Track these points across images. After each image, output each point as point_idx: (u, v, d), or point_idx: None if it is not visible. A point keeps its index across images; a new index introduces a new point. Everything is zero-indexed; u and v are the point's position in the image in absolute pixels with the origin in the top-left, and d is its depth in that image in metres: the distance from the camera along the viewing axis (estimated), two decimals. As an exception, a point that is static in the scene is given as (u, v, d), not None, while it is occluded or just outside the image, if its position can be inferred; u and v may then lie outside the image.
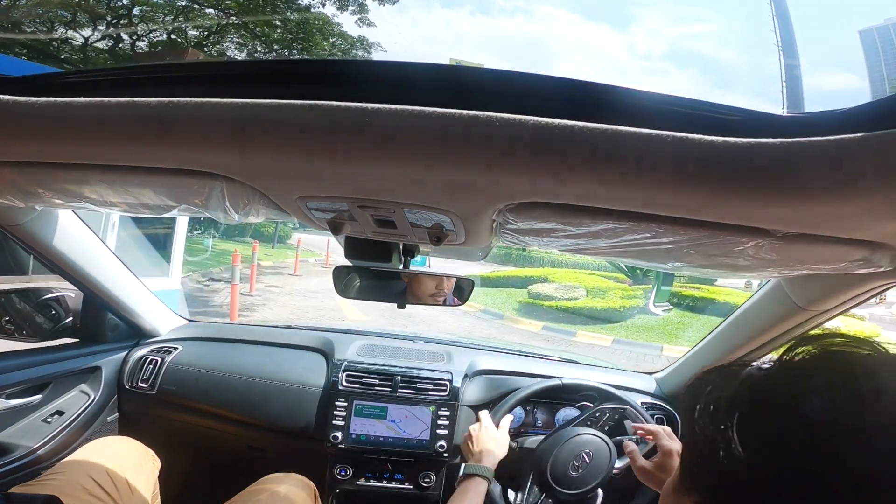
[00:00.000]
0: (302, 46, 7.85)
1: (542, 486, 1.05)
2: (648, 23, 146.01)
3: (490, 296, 9.75)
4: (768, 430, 0.34)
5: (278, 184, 0.54)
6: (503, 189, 0.47)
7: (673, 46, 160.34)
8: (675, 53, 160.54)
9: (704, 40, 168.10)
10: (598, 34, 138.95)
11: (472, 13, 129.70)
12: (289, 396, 1.26)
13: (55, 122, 0.45)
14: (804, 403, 0.33)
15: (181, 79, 0.46)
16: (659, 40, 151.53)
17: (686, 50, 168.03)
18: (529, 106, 0.39)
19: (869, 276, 0.66)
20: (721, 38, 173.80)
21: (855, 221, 0.44)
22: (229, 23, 7.67)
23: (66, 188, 0.62)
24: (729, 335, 1.09)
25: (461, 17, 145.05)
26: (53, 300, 1.19)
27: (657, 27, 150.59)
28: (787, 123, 0.37)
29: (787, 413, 0.34)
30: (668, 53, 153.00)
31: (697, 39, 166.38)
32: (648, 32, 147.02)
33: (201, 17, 7.73)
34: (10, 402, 1.04)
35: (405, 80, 0.43)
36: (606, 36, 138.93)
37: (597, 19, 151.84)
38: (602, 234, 0.54)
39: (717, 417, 0.37)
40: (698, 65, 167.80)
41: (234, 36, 7.80)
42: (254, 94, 0.41)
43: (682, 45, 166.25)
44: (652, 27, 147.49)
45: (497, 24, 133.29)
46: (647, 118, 0.38)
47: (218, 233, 13.91)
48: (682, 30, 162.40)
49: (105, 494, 0.89)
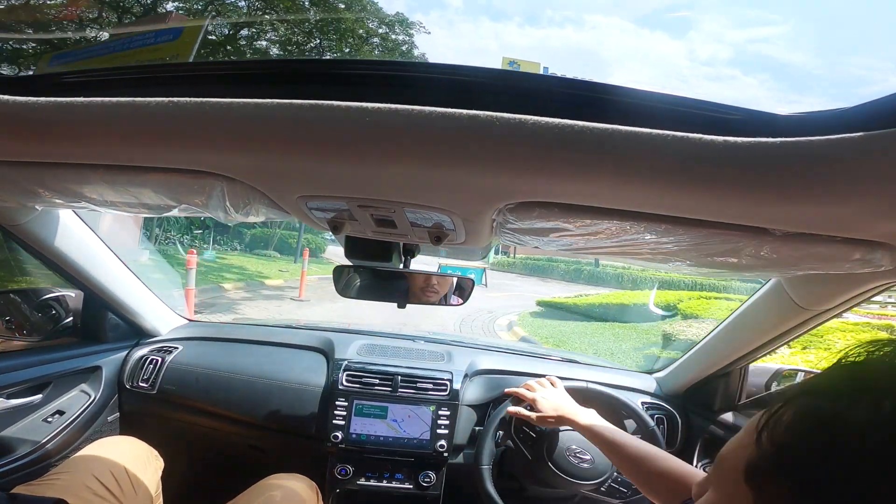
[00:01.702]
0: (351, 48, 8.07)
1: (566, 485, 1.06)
2: (708, 28, 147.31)
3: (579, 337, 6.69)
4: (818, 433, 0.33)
5: (279, 183, 0.54)
6: (503, 189, 0.47)
7: (738, 51, 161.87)
8: (742, 58, 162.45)
9: (774, 43, 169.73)
10: (653, 41, 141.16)
11: (521, 25, 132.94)
12: (289, 396, 1.26)
13: (55, 121, 0.45)
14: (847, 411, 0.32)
15: (181, 78, 0.46)
16: (722, 45, 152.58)
17: (754, 54, 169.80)
18: (529, 106, 0.39)
19: (869, 276, 0.66)
20: (792, 41, 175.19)
21: (855, 221, 0.44)
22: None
23: (66, 188, 0.62)
24: (729, 335, 1.09)
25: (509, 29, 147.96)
26: (54, 300, 1.19)
27: (719, 32, 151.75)
28: (788, 123, 0.37)
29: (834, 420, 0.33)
30: (734, 59, 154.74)
31: (766, 43, 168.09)
32: (709, 38, 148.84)
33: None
34: (11, 401, 1.04)
35: (405, 79, 0.43)
36: (663, 43, 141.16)
37: (651, 27, 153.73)
38: (602, 233, 0.54)
39: (778, 409, 0.36)
40: (769, 69, 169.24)
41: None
42: (254, 93, 0.41)
43: (749, 50, 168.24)
44: (713, 32, 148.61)
45: (546, 35, 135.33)
46: (647, 118, 0.38)
47: (242, 245, 13.44)
48: (747, 34, 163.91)
49: (109, 494, 0.89)
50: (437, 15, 39.20)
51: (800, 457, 0.34)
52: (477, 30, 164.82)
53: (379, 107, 0.39)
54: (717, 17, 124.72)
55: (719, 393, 1.20)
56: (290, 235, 14.04)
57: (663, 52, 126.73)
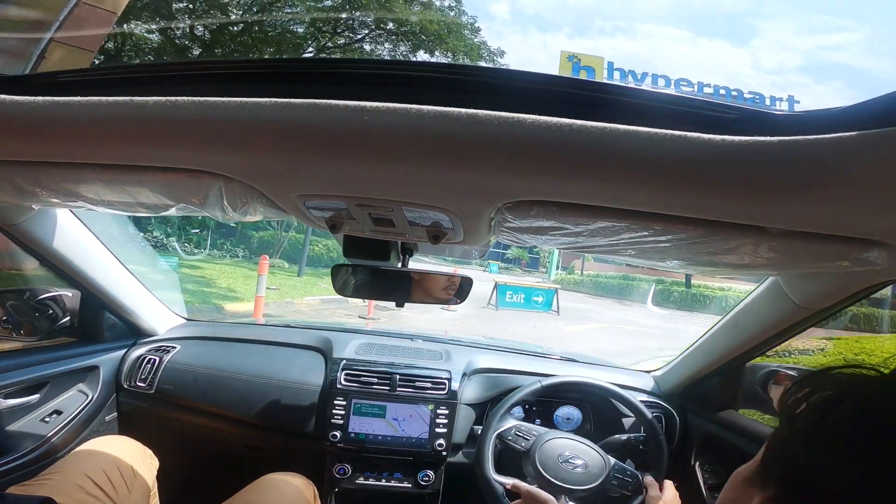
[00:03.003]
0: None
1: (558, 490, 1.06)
2: (774, 35, 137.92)
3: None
4: (865, 442, 0.33)
5: (277, 183, 0.54)
6: (501, 187, 0.47)
7: (809, 59, 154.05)
8: (813, 66, 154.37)
9: (847, 50, 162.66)
10: (712, 50, 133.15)
11: (570, 36, 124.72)
12: (287, 395, 1.26)
13: (53, 121, 0.45)
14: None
15: (179, 78, 0.46)
16: (791, 53, 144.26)
17: (826, 62, 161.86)
18: (528, 105, 0.39)
19: (866, 274, 0.66)
20: (868, 47, 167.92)
21: (852, 219, 0.45)
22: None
23: (63, 187, 0.62)
24: (726, 334, 1.09)
25: (558, 39, 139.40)
26: (51, 299, 1.18)
27: (786, 39, 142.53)
28: (785, 122, 0.37)
29: (885, 428, 0.33)
30: (805, 67, 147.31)
31: (839, 50, 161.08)
32: (776, 45, 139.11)
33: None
34: (8, 401, 1.03)
35: (404, 78, 0.43)
36: (724, 51, 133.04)
37: (710, 35, 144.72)
38: (600, 232, 0.54)
39: (816, 421, 0.36)
40: (844, 76, 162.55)
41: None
42: (252, 93, 0.41)
43: (821, 57, 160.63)
44: (780, 39, 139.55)
45: (596, 46, 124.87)
46: (645, 117, 0.38)
47: (247, 250, 11.76)
48: (817, 41, 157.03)
49: (102, 494, 0.89)
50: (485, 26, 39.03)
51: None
52: (526, 40, 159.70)
53: (377, 106, 0.39)
54: (783, 25, 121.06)
55: (717, 391, 1.21)
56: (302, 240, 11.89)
57: (724, 60, 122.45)
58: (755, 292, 0.95)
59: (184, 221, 10.34)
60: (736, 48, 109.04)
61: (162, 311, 1.41)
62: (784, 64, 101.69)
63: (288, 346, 1.39)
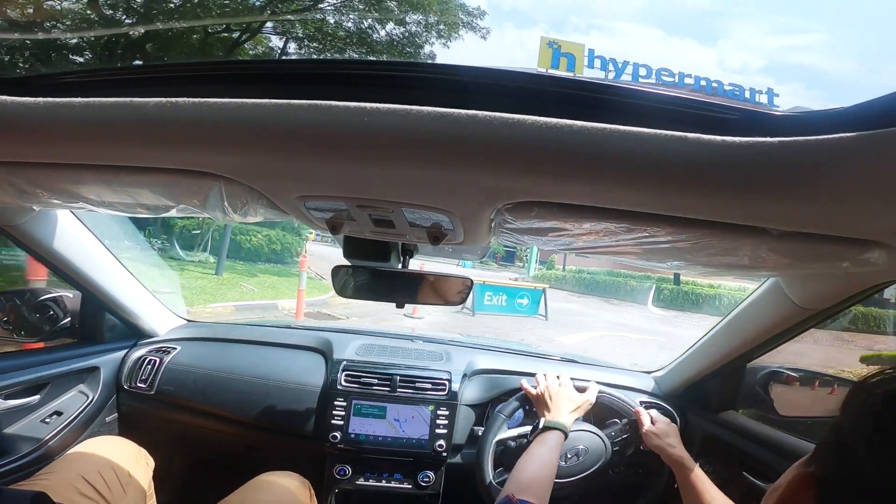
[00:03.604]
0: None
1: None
2: (740, 36, 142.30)
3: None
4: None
5: (277, 184, 0.54)
6: (501, 189, 0.47)
7: (772, 60, 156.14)
8: (776, 67, 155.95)
9: (809, 52, 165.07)
10: (682, 49, 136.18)
11: (546, 32, 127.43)
12: (287, 396, 1.25)
13: (53, 122, 0.45)
14: None
15: (179, 79, 0.46)
16: (755, 54, 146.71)
17: (788, 63, 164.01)
18: (528, 106, 0.39)
19: (866, 275, 0.66)
20: (829, 49, 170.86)
21: (852, 220, 0.45)
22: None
23: (63, 188, 0.62)
24: (727, 335, 1.09)
25: (534, 36, 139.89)
26: (52, 300, 1.19)
27: (751, 40, 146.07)
28: (785, 123, 0.37)
29: None
30: (767, 67, 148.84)
31: (801, 51, 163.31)
32: (741, 46, 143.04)
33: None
34: (9, 402, 1.03)
35: (404, 79, 0.43)
36: (693, 51, 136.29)
37: (680, 34, 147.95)
38: (600, 233, 0.54)
39: (866, 407, 0.37)
40: (803, 78, 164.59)
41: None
42: (252, 94, 0.41)
43: (783, 58, 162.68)
44: (745, 40, 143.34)
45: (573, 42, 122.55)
46: (645, 117, 0.38)
47: (167, 243, 9.06)
48: (781, 41, 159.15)
49: (97, 494, 0.89)
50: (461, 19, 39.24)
51: None
52: (502, 36, 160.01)
53: (377, 107, 0.39)
54: (749, 26, 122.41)
55: (717, 392, 1.21)
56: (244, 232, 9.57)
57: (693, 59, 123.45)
58: (755, 293, 0.95)
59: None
60: (704, 47, 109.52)
61: (162, 311, 1.41)
62: (748, 65, 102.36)
63: (288, 347, 1.39)
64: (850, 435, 0.37)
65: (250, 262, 9.95)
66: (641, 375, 1.42)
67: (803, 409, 1.08)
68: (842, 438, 0.38)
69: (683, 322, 9.98)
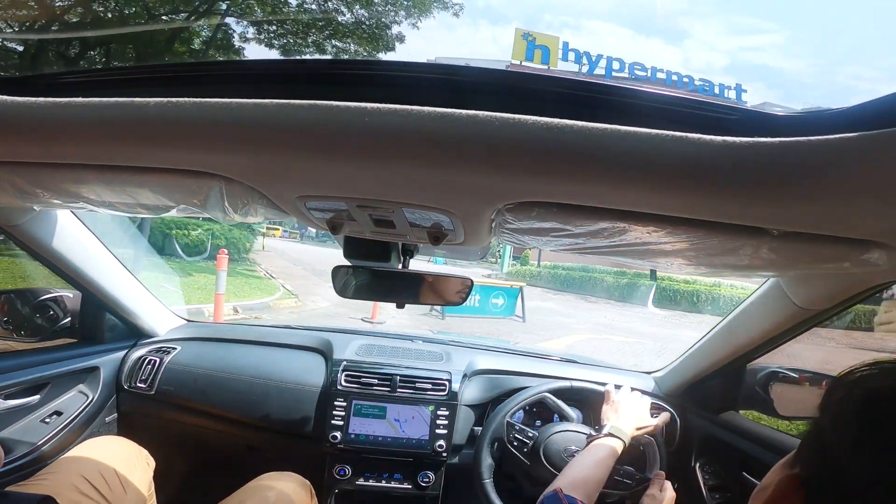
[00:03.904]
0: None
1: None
2: (704, 35, 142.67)
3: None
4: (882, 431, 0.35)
5: (277, 184, 0.54)
6: (502, 189, 0.47)
7: (733, 59, 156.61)
8: (736, 66, 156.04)
9: (768, 52, 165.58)
10: (650, 48, 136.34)
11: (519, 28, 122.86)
12: (287, 396, 1.25)
13: (53, 122, 0.45)
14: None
15: (180, 79, 0.46)
16: (717, 53, 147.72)
17: (748, 63, 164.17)
18: (528, 106, 0.39)
19: (867, 275, 0.66)
20: (787, 49, 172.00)
21: (853, 220, 0.45)
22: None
23: (64, 188, 0.62)
24: (727, 335, 1.09)
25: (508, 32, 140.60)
26: (52, 300, 1.19)
27: (714, 40, 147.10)
28: (786, 123, 0.37)
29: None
30: (729, 67, 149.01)
31: (761, 51, 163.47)
32: (705, 45, 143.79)
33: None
34: (9, 402, 1.03)
35: (404, 79, 0.43)
36: (660, 50, 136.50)
37: (648, 33, 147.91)
38: (601, 233, 0.54)
39: (847, 408, 0.38)
40: (763, 78, 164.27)
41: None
42: (253, 94, 0.41)
43: (744, 58, 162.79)
44: (708, 40, 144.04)
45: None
46: (646, 118, 0.38)
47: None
48: (742, 42, 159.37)
49: (97, 494, 0.89)
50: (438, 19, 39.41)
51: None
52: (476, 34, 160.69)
53: (378, 107, 0.39)
54: (713, 25, 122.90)
55: (717, 393, 1.21)
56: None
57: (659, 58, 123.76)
58: (756, 293, 0.95)
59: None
60: (670, 46, 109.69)
61: (162, 311, 1.41)
62: (711, 64, 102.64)
63: (288, 348, 1.39)
64: (832, 435, 0.37)
65: (188, 258, 9.03)
66: (641, 376, 1.42)
67: (804, 410, 1.08)
68: (824, 439, 0.38)
69: (677, 323, 9.51)
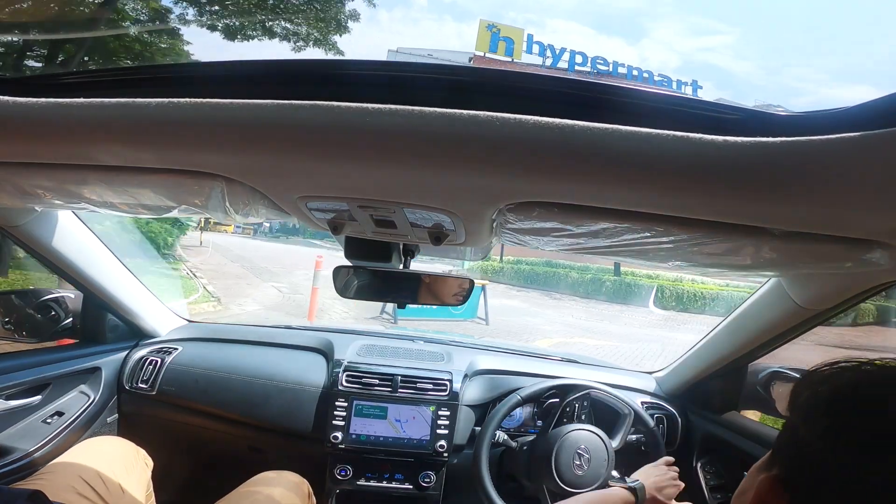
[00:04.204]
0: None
1: (560, 495, 1.05)
2: (661, 35, 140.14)
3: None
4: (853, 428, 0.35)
5: (279, 184, 0.54)
6: (503, 189, 0.47)
7: (687, 59, 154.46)
8: (690, 66, 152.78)
9: (720, 52, 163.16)
10: (610, 47, 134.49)
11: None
12: (288, 397, 1.26)
13: (54, 122, 0.45)
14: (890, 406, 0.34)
15: (180, 79, 0.46)
16: (672, 53, 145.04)
17: (701, 63, 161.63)
18: (530, 106, 0.39)
19: (869, 275, 0.66)
20: (737, 50, 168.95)
21: (854, 220, 0.45)
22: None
23: (65, 189, 0.62)
24: (729, 335, 1.09)
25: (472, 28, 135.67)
26: (53, 301, 1.19)
27: (670, 40, 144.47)
28: (788, 123, 0.37)
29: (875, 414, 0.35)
30: (682, 67, 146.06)
31: (712, 52, 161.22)
32: (662, 45, 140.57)
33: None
34: (10, 402, 1.04)
35: (406, 80, 0.43)
36: (620, 49, 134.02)
37: (609, 32, 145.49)
38: (602, 233, 0.54)
39: (816, 406, 0.38)
40: (713, 78, 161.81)
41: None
42: (254, 94, 0.41)
43: (697, 58, 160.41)
44: (665, 40, 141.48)
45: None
46: (647, 118, 0.38)
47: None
48: (696, 42, 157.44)
49: (95, 494, 0.89)
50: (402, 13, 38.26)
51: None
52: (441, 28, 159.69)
53: (379, 107, 0.39)
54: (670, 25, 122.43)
55: (719, 392, 1.21)
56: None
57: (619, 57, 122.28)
58: (757, 293, 0.95)
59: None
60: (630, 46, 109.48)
61: (164, 312, 1.42)
62: (666, 63, 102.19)
63: (289, 348, 1.39)
64: (805, 434, 0.38)
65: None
66: (643, 376, 1.42)
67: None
68: (798, 438, 0.39)
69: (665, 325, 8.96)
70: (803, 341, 0.94)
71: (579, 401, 1.19)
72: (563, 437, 1.09)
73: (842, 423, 0.36)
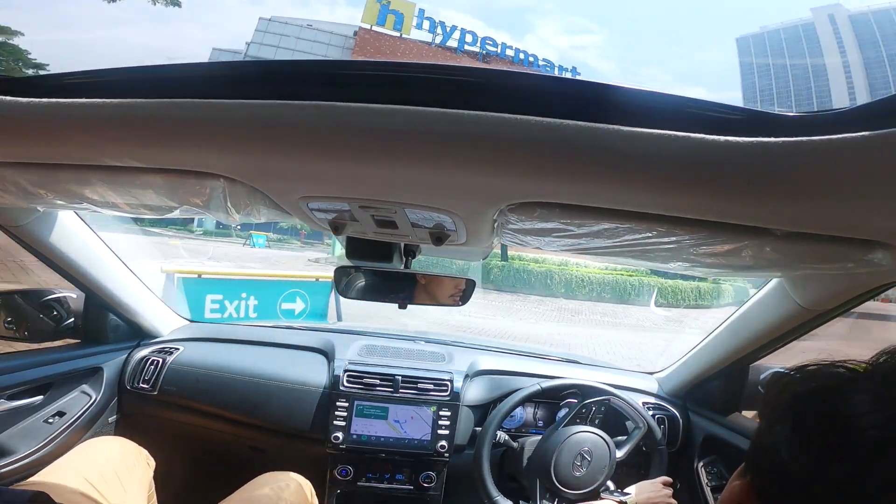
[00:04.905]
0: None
1: (552, 492, 1.05)
2: (542, 31, 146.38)
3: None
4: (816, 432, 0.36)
5: (280, 184, 0.54)
6: (504, 189, 0.47)
7: (562, 56, 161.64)
8: (563, 62, 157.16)
9: (589, 51, 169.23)
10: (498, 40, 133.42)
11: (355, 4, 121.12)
12: (290, 397, 1.26)
13: (56, 123, 0.45)
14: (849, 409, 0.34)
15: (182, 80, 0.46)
16: (550, 49, 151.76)
17: (572, 59, 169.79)
18: (531, 106, 0.39)
19: (871, 276, 0.66)
20: (603, 50, 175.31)
21: (856, 220, 0.45)
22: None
23: (67, 189, 0.62)
24: (730, 335, 1.09)
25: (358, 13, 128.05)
26: (55, 301, 1.19)
27: (549, 36, 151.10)
28: (789, 123, 0.37)
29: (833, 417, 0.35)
30: (559, 61, 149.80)
31: (583, 50, 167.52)
32: (541, 41, 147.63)
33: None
34: (12, 402, 1.04)
35: (406, 80, 0.43)
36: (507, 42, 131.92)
37: (496, 27, 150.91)
38: (603, 233, 0.54)
39: (779, 412, 0.39)
40: (583, 74, 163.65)
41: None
42: (255, 94, 0.41)
43: (570, 55, 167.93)
44: (545, 36, 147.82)
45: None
46: (649, 118, 0.38)
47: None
48: (571, 40, 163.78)
49: (97, 493, 0.89)
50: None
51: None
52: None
53: (380, 107, 0.39)
54: (550, 23, 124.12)
55: (720, 393, 1.20)
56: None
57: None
58: (759, 293, 0.95)
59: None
60: (514, 41, 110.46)
61: (165, 312, 1.42)
62: (548, 58, 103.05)
63: (290, 348, 1.39)
64: (770, 441, 0.38)
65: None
66: (644, 376, 1.42)
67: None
68: (764, 445, 0.39)
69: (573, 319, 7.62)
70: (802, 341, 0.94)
71: (597, 405, 1.18)
72: (571, 435, 1.09)
73: (802, 429, 0.36)
